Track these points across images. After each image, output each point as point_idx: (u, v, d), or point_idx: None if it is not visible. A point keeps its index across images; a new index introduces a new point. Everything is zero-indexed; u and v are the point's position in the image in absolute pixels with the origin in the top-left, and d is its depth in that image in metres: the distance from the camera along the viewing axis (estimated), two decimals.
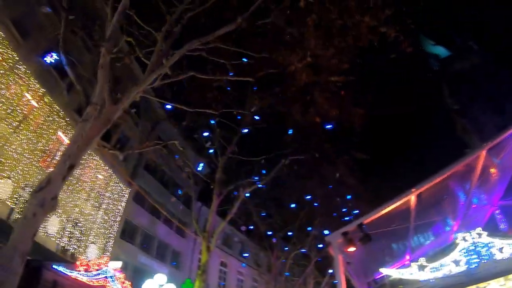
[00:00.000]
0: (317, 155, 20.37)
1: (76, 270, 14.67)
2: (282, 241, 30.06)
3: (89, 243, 19.90)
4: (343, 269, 8.86)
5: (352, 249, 9.14)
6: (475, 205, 16.97)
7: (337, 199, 25.49)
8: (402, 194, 9.10)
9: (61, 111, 18.76)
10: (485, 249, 11.71)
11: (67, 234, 18.90)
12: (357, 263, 10.71)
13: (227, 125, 19.94)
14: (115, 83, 11.26)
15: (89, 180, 20.62)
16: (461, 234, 10.10)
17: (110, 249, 21.04)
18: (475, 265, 11.07)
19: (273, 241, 29.20)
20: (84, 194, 20.17)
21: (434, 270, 9.53)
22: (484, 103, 42.41)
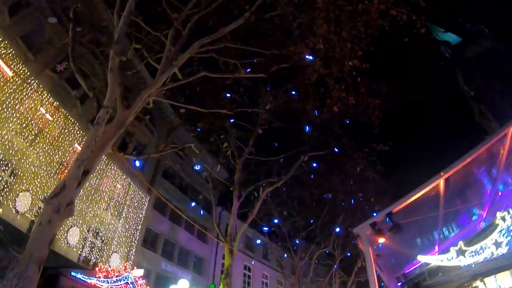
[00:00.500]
0: (336, 150, 19.99)
1: (95, 276, 14.41)
2: (305, 241, 29.65)
3: (111, 253, 19.86)
4: (374, 262, 8.46)
5: (382, 240, 8.76)
6: (502, 192, 16.22)
7: (360, 194, 24.96)
8: (430, 179, 8.68)
9: (76, 122, 18.85)
10: None
11: (88, 244, 18.91)
12: (386, 256, 10.26)
13: (243, 126, 19.75)
14: (127, 92, 11.14)
15: (107, 189, 20.63)
16: (499, 213, 9.49)
17: (132, 257, 20.96)
18: None
19: (296, 242, 28.80)
20: (103, 203, 20.18)
21: (474, 254, 8.96)
22: (501, 86, 41.33)
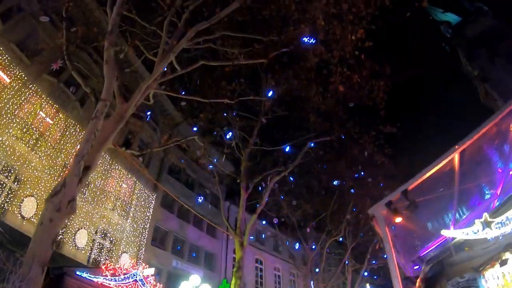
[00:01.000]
0: (343, 135, 19.65)
1: (102, 275, 13.98)
2: (315, 231, 29.36)
3: (121, 253, 19.67)
4: (392, 243, 8.14)
5: (398, 219, 8.42)
6: None
7: (369, 180, 24.57)
8: (445, 153, 8.32)
9: (77, 124, 18.65)
10: None
11: (97, 245, 18.74)
12: (402, 237, 9.92)
13: (246, 117, 19.45)
14: (125, 91, 10.85)
15: (113, 189, 20.42)
16: None
17: (142, 256, 20.77)
18: None
19: (307, 232, 28.51)
20: (109, 204, 20.00)
21: (500, 225, 8.60)
22: (505, 64, 40.65)
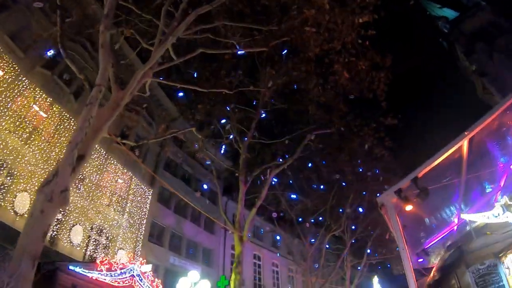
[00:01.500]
0: (342, 128, 19.34)
1: (96, 270, 13.47)
2: (314, 226, 29.14)
3: (117, 249, 19.32)
4: (403, 231, 7.86)
5: (409, 207, 8.13)
6: None
7: (368, 174, 24.37)
8: (454, 139, 8.05)
9: (72, 118, 18.27)
10: None
11: (93, 242, 18.37)
12: (408, 228, 9.64)
13: (244, 110, 19.12)
14: (122, 84, 10.54)
15: (109, 184, 20.04)
16: None
17: (139, 253, 20.42)
18: None
19: (306, 226, 28.28)
20: (105, 199, 19.62)
21: None
22: (503, 58, 40.49)
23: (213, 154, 22.25)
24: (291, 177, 24.21)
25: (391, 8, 16.14)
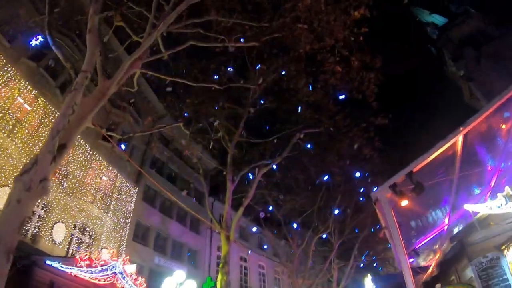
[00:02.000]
0: (331, 128, 19.21)
1: (76, 266, 12.66)
2: (301, 227, 28.94)
3: (101, 248, 18.79)
4: (398, 226, 7.69)
5: (404, 202, 7.98)
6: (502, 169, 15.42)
7: (356, 175, 24.31)
8: (449, 134, 7.92)
9: (57, 112, 17.79)
10: None
11: (75, 240, 17.89)
12: (401, 227, 9.47)
13: (233, 108, 18.87)
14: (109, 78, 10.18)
15: (93, 181, 19.56)
16: None
17: (123, 253, 19.94)
18: None
19: (293, 227, 28.08)
20: (89, 196, 19.14)
21: None
22: (490, 64, 40.96)
23: (200, 152, 21.95)
24: (279, 177, 23.97)
25: (383, 8, 16.05)
